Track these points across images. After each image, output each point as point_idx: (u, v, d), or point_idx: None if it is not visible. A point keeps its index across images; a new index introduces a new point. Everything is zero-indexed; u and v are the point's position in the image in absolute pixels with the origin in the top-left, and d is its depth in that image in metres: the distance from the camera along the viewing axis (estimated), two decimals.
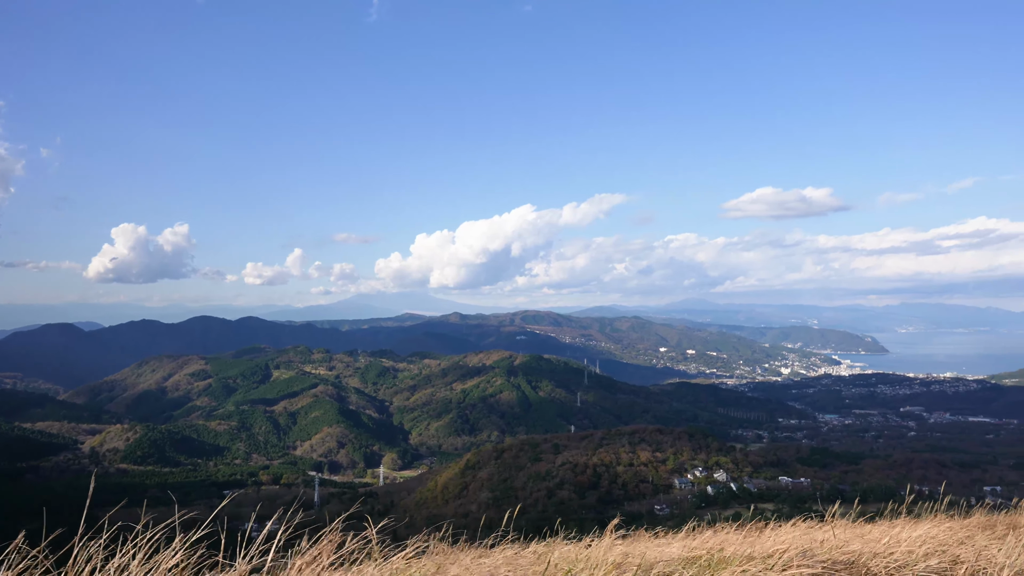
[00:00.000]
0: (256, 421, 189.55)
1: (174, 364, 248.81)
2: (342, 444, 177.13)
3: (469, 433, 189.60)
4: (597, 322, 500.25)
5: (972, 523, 7.90)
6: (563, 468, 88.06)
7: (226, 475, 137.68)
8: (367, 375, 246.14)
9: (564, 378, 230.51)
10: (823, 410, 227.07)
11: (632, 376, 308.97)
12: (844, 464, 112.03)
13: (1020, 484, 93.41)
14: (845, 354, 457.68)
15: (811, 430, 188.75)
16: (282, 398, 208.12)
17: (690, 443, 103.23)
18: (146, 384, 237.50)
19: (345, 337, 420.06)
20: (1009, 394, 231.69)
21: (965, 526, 7.52)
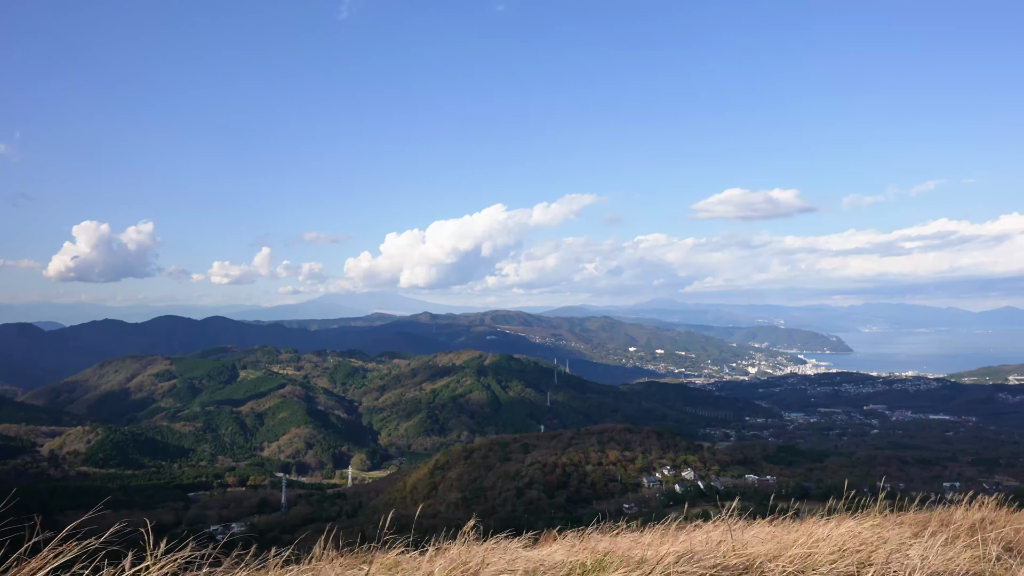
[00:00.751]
0: (222, 422, 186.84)
1: (138, 364, 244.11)
2: (310, 445, 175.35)
3: (439, 433, 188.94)
4: (567, 322, 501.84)
5: (904, 520, 7.81)
6: (532, 468, 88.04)
7: (191, 477, 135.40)
8: (336, 375, 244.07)
9: (534, 378, 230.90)
10: (789, 409, 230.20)
11: (602, 376, 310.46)
12: (809, 462, 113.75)
13: (978, 480, 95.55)
14: (811, 353, 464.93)
15: (778, 428, 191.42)
16: (249, 399, 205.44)
17: (659, 442, 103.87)
18: (109, 385, 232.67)
19: (314, 337, 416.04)
20: (968, 392, 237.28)
21: (897, 523, 7.40)
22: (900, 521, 7.66)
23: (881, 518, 7.63)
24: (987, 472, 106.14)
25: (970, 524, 7.47)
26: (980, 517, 8.04)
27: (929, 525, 7.49)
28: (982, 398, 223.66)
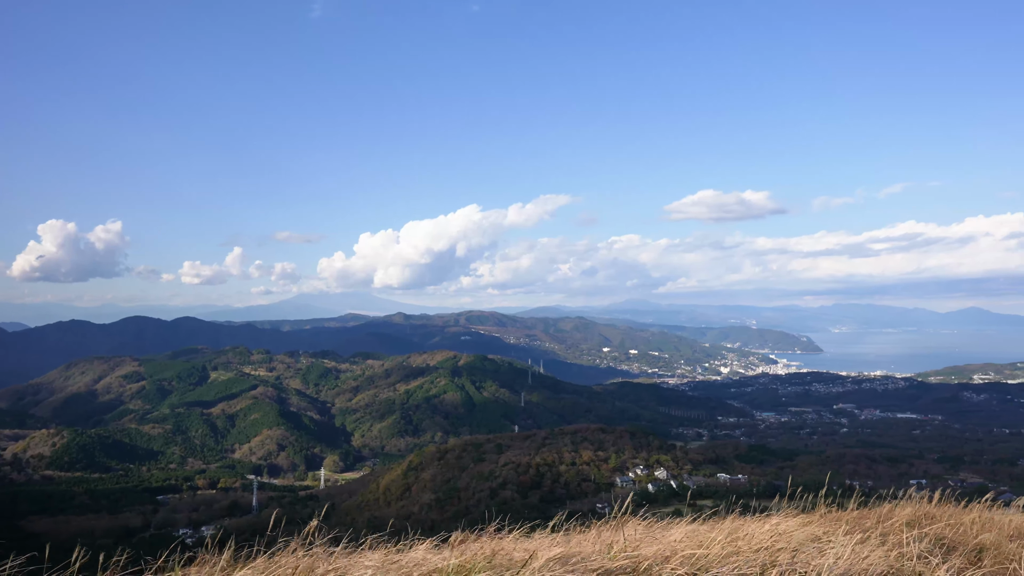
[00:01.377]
0: (192, 424, 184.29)
1: (105, 366, 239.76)
2: (282, 447, 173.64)
3: (413, 434, 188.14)
4: (541, 322, 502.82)
5: (843, 517, 7.70)
6: (506, 468, 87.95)
7: (160, 480, 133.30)
8: (308, 376, 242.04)
9: (508, 378, 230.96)
10: (761, 408, 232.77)
11: (576, 376, 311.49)
12: (780, 460, 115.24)
13: (943, 477, 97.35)
14: (782, 353, 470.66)
15: (749, 428, 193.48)
16: (220, 400, 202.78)
17: (632, 442, 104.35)
18: (75, 387, 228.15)
19: (286, 338, 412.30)
20: (934, 391, 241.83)
21: (834, 520, 7.29)
22: (838, 518, 7.56)
23: (819, 516, 7.54)
24: (952, 469, 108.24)
25: (906, 520, 7.49)
26: (921, 512, 8.09)
27: (867, 521, 7.46)
28: (947, 397, 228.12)
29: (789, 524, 6.32)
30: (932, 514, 8.12)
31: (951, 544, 6.59)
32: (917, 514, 8.04)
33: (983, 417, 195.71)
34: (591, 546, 5.60)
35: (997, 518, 8.50)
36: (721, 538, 5.61)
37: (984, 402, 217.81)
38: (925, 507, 8.49)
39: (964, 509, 8.46)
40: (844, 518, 7.66)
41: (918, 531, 6.45)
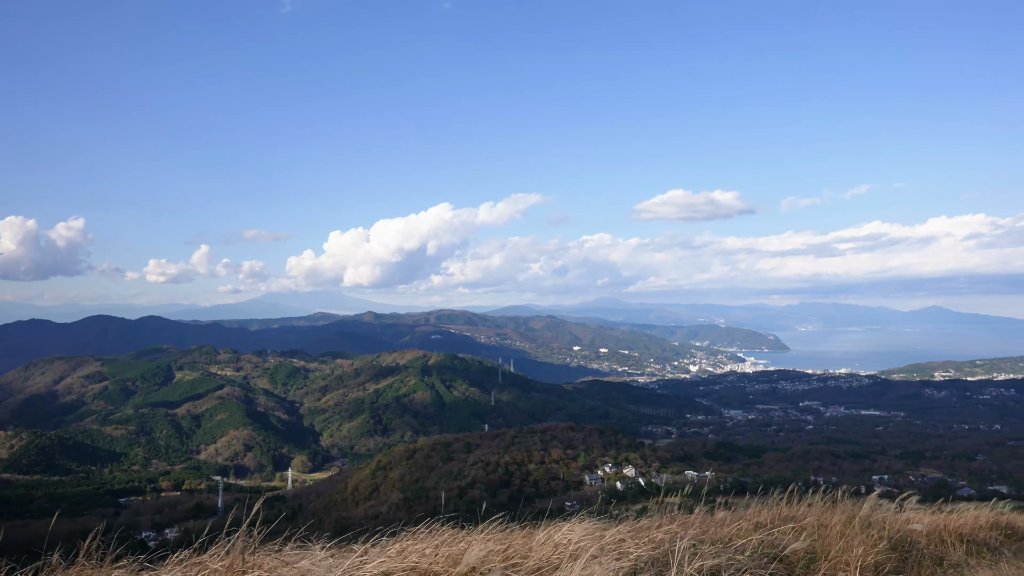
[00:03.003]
0: (157, 425, 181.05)
1: (66, 366, 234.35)
2: (249, 447, 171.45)
3: (382, 434, 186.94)
4: (512, 321, 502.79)
5: (688, 521, 7.69)
6: (475, 467, 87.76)
7: (123, 482, 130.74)
8: (277, 376, 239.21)
9: (479, 377, 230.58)
10: (728, 406, 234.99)
11: (546, 375, 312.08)
12: (747, 457, 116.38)
13: (905, 472, 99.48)
14: (750, 351, 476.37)
15: (717, 425, 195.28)
16: (185, 400, 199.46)
17: (601, 440, 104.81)
18: (34, 387, 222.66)
19: (254, 337, 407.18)
20: (897, 388, 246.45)
21: (657, 526, 7.11)
22: (685, 522, 7.56)
23: (658, 521, 7.46)
24: (914, 465, 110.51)
25: (755, 523, 7.53)
26: (784, 515, 8.10)
27: (709, 526, 7.44)
28: (910, 394, 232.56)
29: (584, 530, 6.20)
30: (793, 517, 8.06)
31: (781, 552, 6.59)
32: (778, 516, 7.99)
33: (944, 413, 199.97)
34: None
35: (879, 517, 8.42)
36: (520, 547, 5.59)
37: (944, 399, 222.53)
38: (790, 509, 8.48)
39: (834, 508, 8.47)
40: (687, 521, 7.63)
41: (750, 538, 6.52)
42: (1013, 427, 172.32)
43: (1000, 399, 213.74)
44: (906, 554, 7.92)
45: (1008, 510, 12.26)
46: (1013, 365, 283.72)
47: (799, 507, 8.56)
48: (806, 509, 8.47)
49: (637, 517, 7.64)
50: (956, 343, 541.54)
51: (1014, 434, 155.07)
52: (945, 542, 9.36)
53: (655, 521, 7.37)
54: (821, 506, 8.55)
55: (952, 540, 9.44)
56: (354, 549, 5.66)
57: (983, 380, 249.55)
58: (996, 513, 11.60)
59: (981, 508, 11.75)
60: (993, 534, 10.63)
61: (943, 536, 9.47)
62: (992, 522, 11.00)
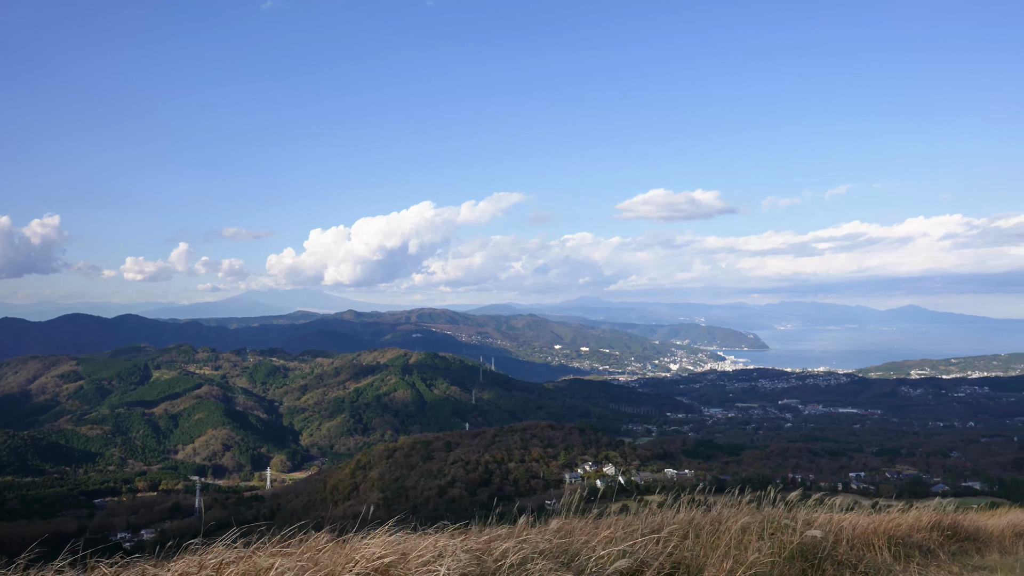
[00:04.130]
0: (133, 424, 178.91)
1: (40, 365, 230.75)
2: (228, 447, 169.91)
3: (362, 433, 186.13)
4: (494, 320, 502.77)
5: (576, 529, 7.41)
6: (455, 466, 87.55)
7: (98, 483, 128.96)
8: (256, 375, 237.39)
9: (460, 376, 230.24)
10: (708, 404, 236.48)
11: (528, 373, 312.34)
12: (726, 455, 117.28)
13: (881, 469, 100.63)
14: (729, 350, 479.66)
15: (697, 423, 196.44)
16: (163, 400, 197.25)
17: (581, 438, 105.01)
18: (7, 387, 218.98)
19: (233, 335, 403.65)
20: (874, 386, 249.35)
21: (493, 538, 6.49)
22: (542, 531, 7.17)
23: (507, 532, 6.92)
24: (890, 462, 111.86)
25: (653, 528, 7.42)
26: (682, 519, 7.86)
27: (577, 534, 7.16)
28: (887, 392, 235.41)
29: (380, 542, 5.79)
30: (693, 522, 7.82)
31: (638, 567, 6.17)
32: (675, 521, 7.75)
33: (919, 411, 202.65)
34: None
35: (784, 522, 8.15)
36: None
37: (920, 396, 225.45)
38: (693, 514, 8.23)
39: (737, 512, 8.26)
40: (549, 531, 7.24)
41: (607, 551, 6.10)
42: (986, 424, 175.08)
43: (974, 397, 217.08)
44: (812, 562, 7.56)
45: (952, 509, 12.02)
46: (987, 363, 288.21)
47: (692, 512, 8.30)
48: (681, 514, 8.20)
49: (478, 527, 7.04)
50: (932, 342, 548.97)
51: (987, 431, 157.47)
52: (872, 545, 9.05)
53: (495, 532, 6.59)
54: (692, 511, 8.21)
55: (881, 543, 9.12)
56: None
57: (958, 378, 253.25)
58: (939, 513, 11.35)
59: (924, 508, 11.49)
60: (933, 535, 10.33)
61: (870, 539, 9.15)
62: (934, 522, 10.77)
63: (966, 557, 9.97)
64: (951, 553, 10.04)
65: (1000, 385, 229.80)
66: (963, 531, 10.93)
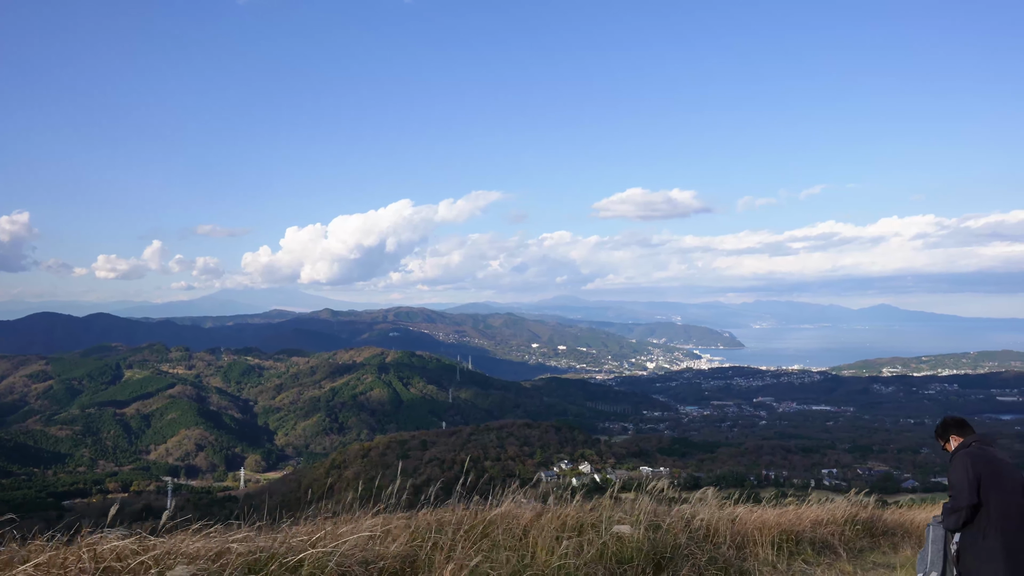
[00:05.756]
0: (104, 425, 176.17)
1: (8, 365, 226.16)
2: (201, 447, 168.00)
3: (338, 432, 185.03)
4: (471, 318, 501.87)
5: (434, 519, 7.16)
6: (430, 464, 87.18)
7: (67, 484, 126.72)
8: (230, 374, 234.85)
9: (437, 375, 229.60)
10: (684, 402, 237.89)
11: (505, 372, 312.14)
12: (701, 453, 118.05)
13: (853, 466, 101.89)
14: (705, 348, 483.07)
15: (673, 421, 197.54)
16: (135, 399, 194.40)
17: (557, 437, 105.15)
18: None
19: (208, 334, 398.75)
20: (847, 384, 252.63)
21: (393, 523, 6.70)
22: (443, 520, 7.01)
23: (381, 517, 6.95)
24: (861, 458, 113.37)
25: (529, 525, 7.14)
26: (553, 516, 7.52)
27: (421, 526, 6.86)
28: (859, 389, 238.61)
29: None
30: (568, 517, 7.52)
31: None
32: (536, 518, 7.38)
33: (891, 408, 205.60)
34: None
35: (592, 517, 7.87)
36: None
37: (892, 394, 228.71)
38: (562, 509, 7.88)
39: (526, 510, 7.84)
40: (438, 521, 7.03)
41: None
42: None
43: (944, 394, 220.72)
44: (627, 563, 7.05)
45: (873, 503, 11.86)
46: (956, 361, 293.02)
47: (565, 508, 7.94)
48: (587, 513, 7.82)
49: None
50: (903, 340, 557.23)
51: None
52: (754, 542, 8.79)
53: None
54: (463, 511, 7.40)
55: (764, 539, 8.88)
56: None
57: (928, 376, 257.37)
58: (856, 507, 11.21)
59: (842, 502, 11.31)
60: (846, 530, 10.16)
61: (752, 535, 8.89)
62: (849, 516, 10.65)
63: (876, 553, 9.82)
64: (859, 550, 9.86)
65: (969, 383, 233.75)
66: (882, 526, 10.78)
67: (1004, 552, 5.70)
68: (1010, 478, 5.94)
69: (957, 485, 6.01)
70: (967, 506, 5.89)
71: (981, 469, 5.92)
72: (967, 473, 5.94)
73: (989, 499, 5.85)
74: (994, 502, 5.83)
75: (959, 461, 6.12)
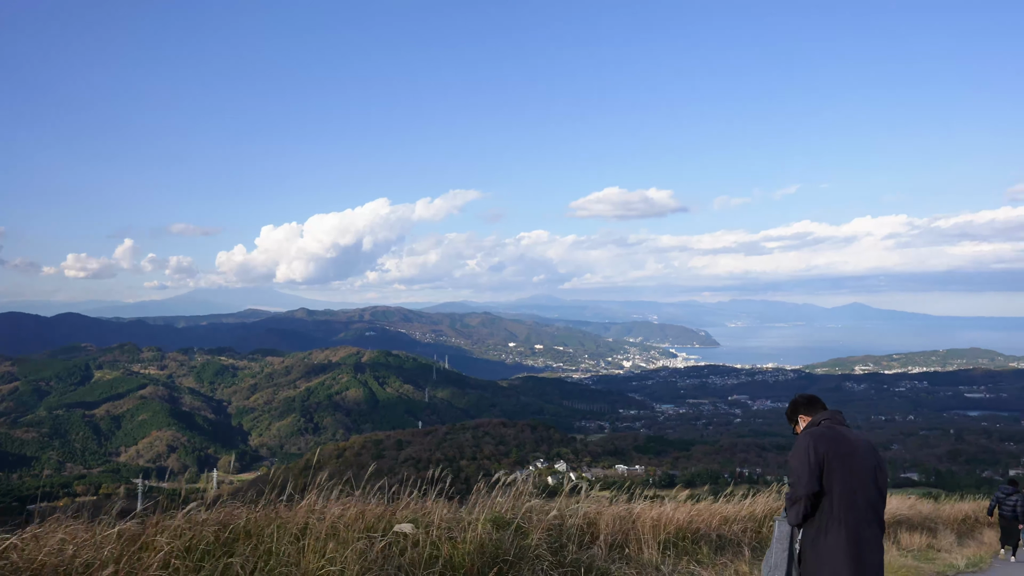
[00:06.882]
0: (73, 427, 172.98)
1: None
2: (173, 448, 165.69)
3: (313, 432, 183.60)
4: (448, 317, 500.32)
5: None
6: (405, 464, 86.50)
7: (33, 488, 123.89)
8: (203, 374, 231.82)
9: (413, 374, 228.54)
10: (660, 400, 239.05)
11: (482, 371, 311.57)
12: (676, 451, 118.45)
13: None
14: (681, 347, 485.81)
15: (649, 420, 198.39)
16: (105, 401, 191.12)
17: (533, 436, 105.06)
18: None
19: (181, 334, 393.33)
20: (820, 382, 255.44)
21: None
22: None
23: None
24: None
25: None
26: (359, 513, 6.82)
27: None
28: (832, 387, 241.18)
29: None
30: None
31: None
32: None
33: (862, 405, 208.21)
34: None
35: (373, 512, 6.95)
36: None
37: (863, 391, 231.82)
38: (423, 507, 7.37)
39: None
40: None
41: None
42: (925, 417, 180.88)
43: (914, 391, 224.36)
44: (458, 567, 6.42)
45: (773, 500, 11.47)
46: (926, 359, 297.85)
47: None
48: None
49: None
50: (875, 338, 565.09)
51: (926, 424, 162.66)
52: (637, 540, 8.48)
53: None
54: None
55: (653, 539, 8.55)
56: None
57: (899, 373, 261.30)
58: (780, 502, 10.90)
59: (761, 498, 11.08)
60: (762, 527, 9.99)
61: (638, 533, 8.56)
62: (770, 512, 10.47)
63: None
64: (734, 551, 9.62)
65: (938, 380, 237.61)
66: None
67: (848, 549, 4.73)
68: (861, 461, 4.94)
69: (796, 471, 4.99)
70: (806, 495, 4.89)
71: (826, 451, 4.91)
72: (808, 456, 4.92)
73: (833, 486, 4.86)
74: (839, 490, 4.84)
75: (800, 443, 5.09)
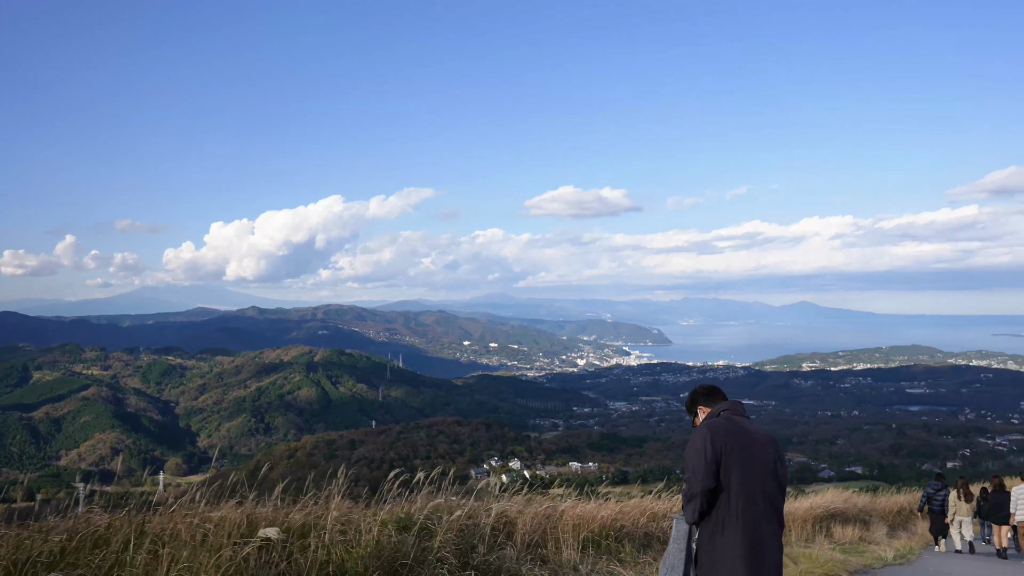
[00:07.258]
0: (9, 430, 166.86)
1: None
2: (117, 451, 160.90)
3: (264, 433, 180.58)
4: (402, 316, 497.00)
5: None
6: (359, 464, 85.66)
7: None
8: (150, 374, 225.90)
9: (367, 373, 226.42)
10: (614, 398, 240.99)
11: (437, 370, 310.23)
12: (629, 448, 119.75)
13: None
14: (635, 345, 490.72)
15: (603, 417, 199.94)
16: (44, 403, 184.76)
17: (488, 434, 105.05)
18: None
19: (126, 333, 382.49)
20: (769, 379, 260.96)
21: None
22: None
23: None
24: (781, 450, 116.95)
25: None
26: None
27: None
28: (780, 384, 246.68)
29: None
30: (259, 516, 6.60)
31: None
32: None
33: (810, 401, 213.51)
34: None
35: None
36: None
37: (811, 388, 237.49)
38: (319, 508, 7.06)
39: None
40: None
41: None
42: (869, 413, 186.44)
43: (859, 387, 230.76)
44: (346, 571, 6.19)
45: (669, 497, 11.54)
46: (870, 356, 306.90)
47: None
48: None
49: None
50: (822, 336, 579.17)
51: (870, 419, 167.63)
52: (560, 540, 8.37)
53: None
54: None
55: (573, 538, 8.46)
56: None
57: (845, 370, 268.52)
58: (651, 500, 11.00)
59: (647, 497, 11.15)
60: (664, 524, 10.07)
61: (557, 533, 8.45)
62: (665, 511, 10.52)
63: None
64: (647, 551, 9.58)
65: (881, 376, 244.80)
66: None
67: (745, 548, 4.33)
68: (761, 454, 4.57)
69: (692, 466, 4.55)
70: (702, 491, 4.47)
71: (724, 443, 4.50)
72: (705, 450, 4.49)
73: (731, 482, 4.46)
74: (736, 485, 4.44)
75: (697, 435, 4.64)
